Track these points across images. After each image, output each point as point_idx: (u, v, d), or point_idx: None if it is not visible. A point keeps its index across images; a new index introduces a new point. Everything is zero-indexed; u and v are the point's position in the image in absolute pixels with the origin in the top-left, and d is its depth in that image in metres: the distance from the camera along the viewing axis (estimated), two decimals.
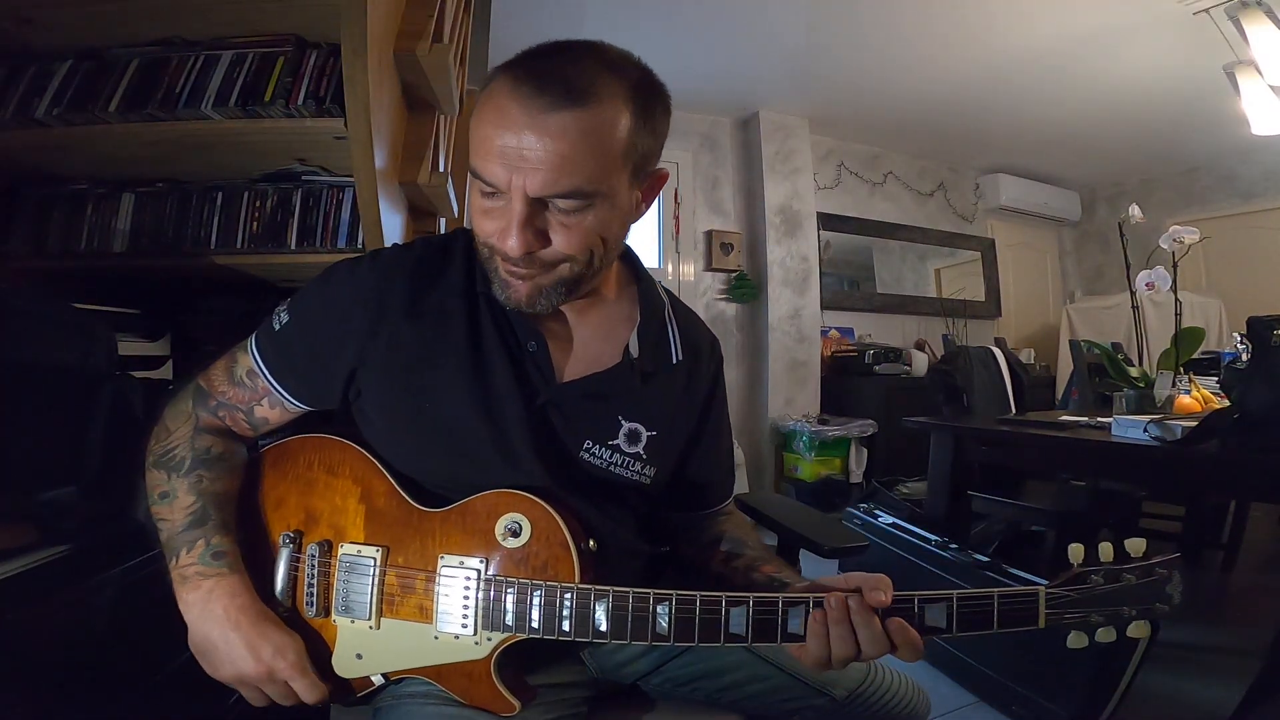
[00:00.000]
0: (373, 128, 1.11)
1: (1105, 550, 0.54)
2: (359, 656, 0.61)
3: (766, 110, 3.53)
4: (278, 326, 0.66)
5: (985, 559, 1.60)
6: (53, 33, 1.20)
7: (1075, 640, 0.54)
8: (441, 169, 1.55)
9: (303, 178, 1.37)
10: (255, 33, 1.23)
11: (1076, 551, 0.55)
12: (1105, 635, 0.53)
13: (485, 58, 2.86)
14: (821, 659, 0.54)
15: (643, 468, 0.67)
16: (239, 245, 1.33)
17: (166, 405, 0.68)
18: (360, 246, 1.31)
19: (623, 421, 0.67)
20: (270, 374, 0.65)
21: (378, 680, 0.61)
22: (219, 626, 0.58)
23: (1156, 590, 0.53)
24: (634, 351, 0.67)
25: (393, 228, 1.33)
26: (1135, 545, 0.54)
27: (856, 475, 3.20)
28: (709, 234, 3.56)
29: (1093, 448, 1.53)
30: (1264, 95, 2.51)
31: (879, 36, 2.76)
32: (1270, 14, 2.26)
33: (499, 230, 0.56)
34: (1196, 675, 1.58)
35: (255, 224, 1.34)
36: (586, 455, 0.65)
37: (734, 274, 3.58)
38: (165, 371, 1.51)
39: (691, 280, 3.53)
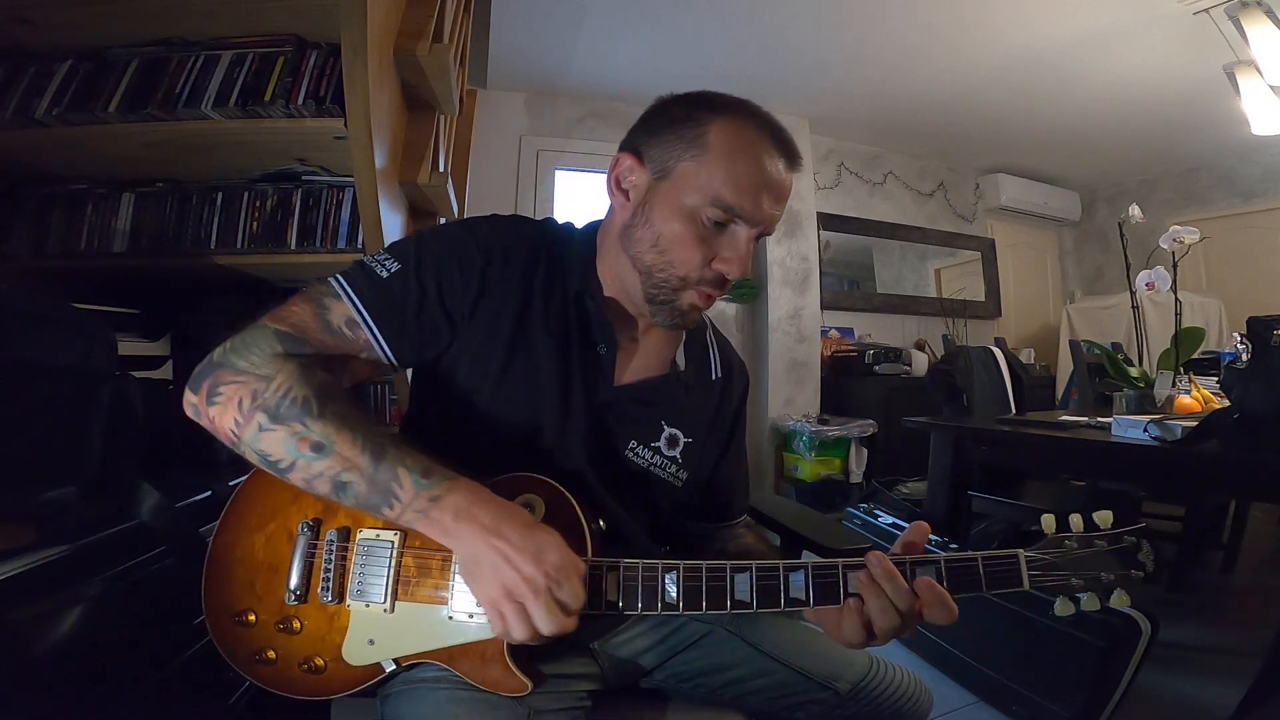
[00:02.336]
0: (373, 128, 1.11)
1: (1076, 521, 0.58)
2: (371, 642, 0.61)
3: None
4: (384, 274, 0.61)
5: None
6: (53, 33, 1.20)
7: (1062, 607, 0.57)
8: (441, 169, 1.55)
9: (303, 178, 1.37)
10: (255, 33, 1.23)
11: (1049, 521, 0.58)
12: (1090, 603, 0.56)
13: (485, 58, 2.86)
14: (860, 629, 0.56)
15: (678, 470, 0.73)
16: (239, 245, 1.33)
17: (230, 358, 0.57)
18: (360, 247, 1.31)
19: (665, 426, 0.72)
20: (374, 327, 0.60)
21: (389, 667, 0.62)
22: (482, 540, 0.52)
23: (1129, 557, 0.57)
24: (680, 364, 0.75)
25: (393, 228, 1.33)
26: (1103, 517, 0.58)
27: (856, 475, 3.19)
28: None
29: (1093, 448, 1.53)
30: (1264, 95, 2.51)
31: (879, 37, 2.76)
32: (1270, 14, 2.26)
33: (720, 258, 0.64)
34: (1196, 675, 1.57)
35: (255, 224, 1.34)
36: (630, 454, 0.70)
37: None
38: (165, 371, 1.51)
39: None
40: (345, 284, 0.62)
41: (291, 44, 1.22)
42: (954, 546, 1.67)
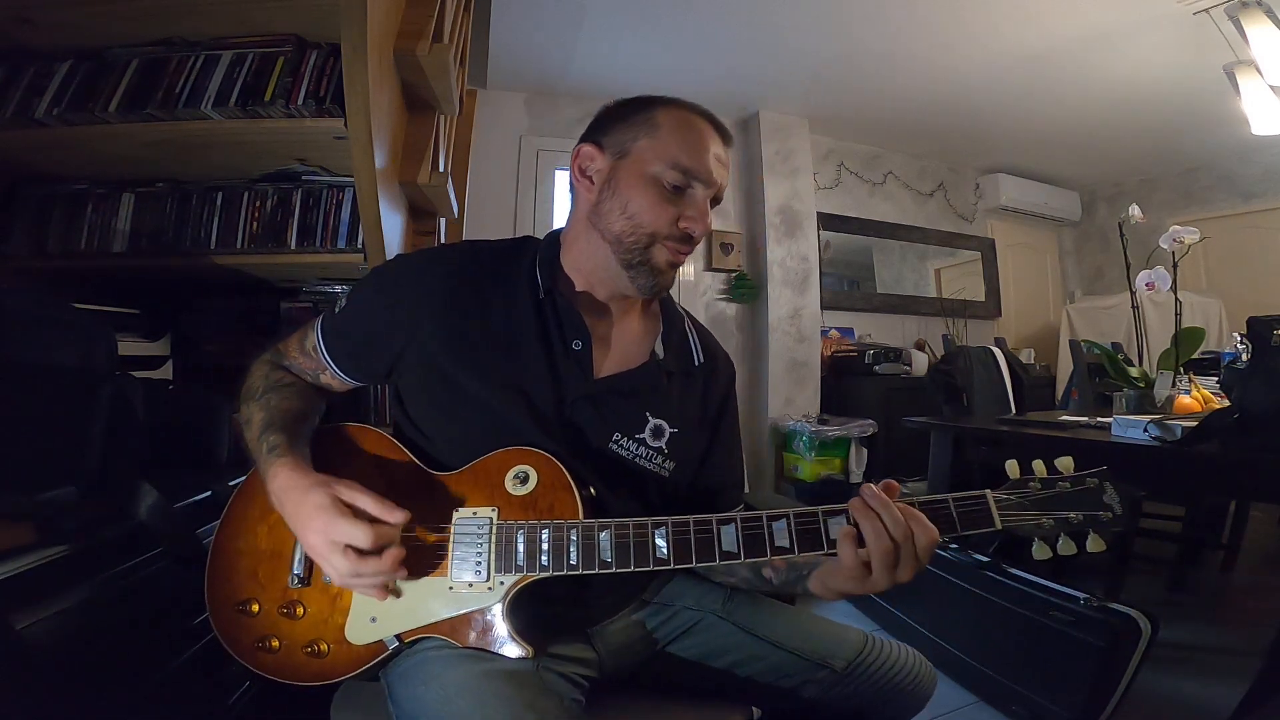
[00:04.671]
0: (373, 128, 1.11)
1: (1038, 466, 0.61)
2: (373, 619, 0.63)
3: (766, 110, 3.53)
4: (337, 311, 0.75)
5: (985, 559, 1.60)
6: (53, 33, 1.20)
7: (1039, 551, 0.59)
8: (441, 169, 1.55)
9: (303, 178, 1.37)
10: (255, 33, 1.23)
11: (1013, 467, 0.61)
12: (1066, 547, 0.58)
13: (485, 58, 2.86)
14: (857, 561, 0.57)
15: (664, 461, 0.74)
16: (239, 245, 1.33)
17: (252, 364, 0.79)
18: (360, 246, 1.31)
19: (649, 417, 0.74)
20: (327, 353, 0.75)
21: (391, 644, 0.63)
22: (280, 510, 0.63)
23: (1094, 498, 0.59)
24: (660, 353, 0.77)
25: (393, 228, 1.33)
26: (1064, 463, 0.61)
27: (856, 475, 3.19)
28: (709, 233, 3.55)
29: (1093, 448, 1.52)
30: (1264, 95, 2.51)
31: (879, 36, 2.76)
32: (1270, 14, 2.26)
33: (685, 216, 0.69)
34: (1196, 675, 1.57)
35: (255, 224, 1.34)
36: (615, 447, 0.72)
37: (734, 274, 3.58)
38: (165, 371, 1.51)
39: (691, 280, 3.53)
40: (321, 317, 0.76)
41: (291, 44, 1.22)
42: (954, 546, 1.67)
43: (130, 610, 0.81)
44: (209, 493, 0.99)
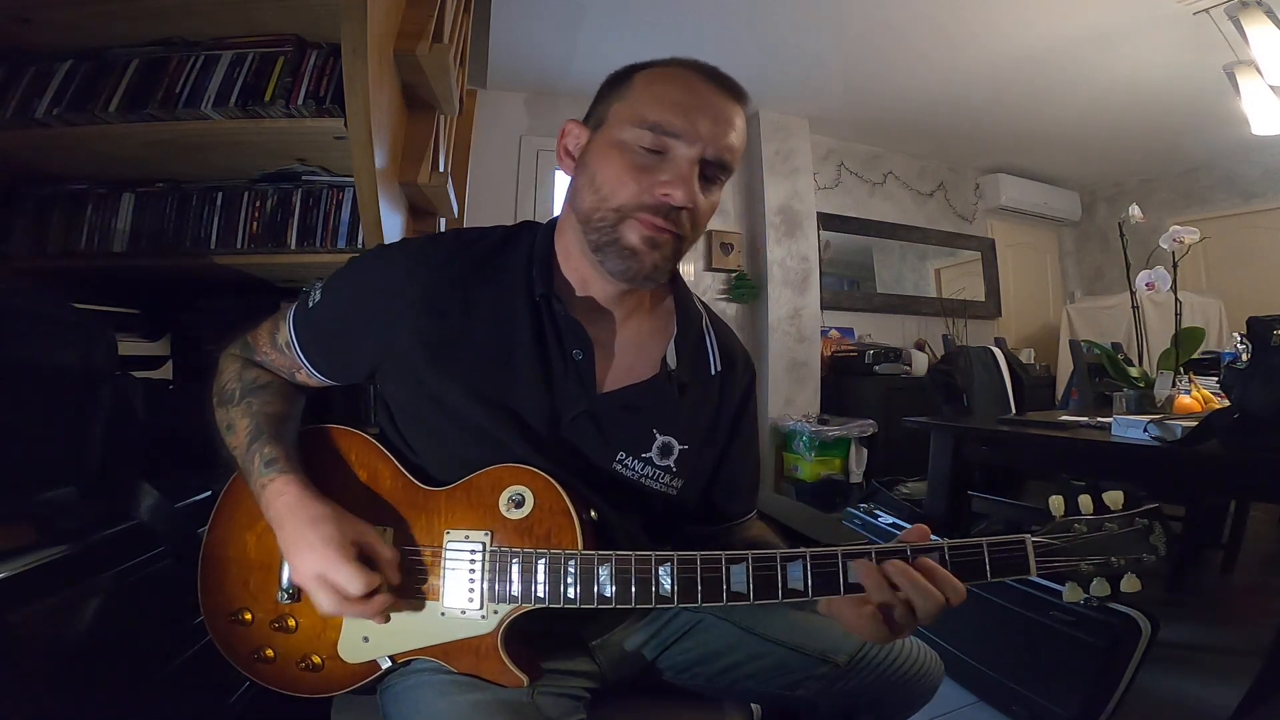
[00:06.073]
0: (373, 128, 1.10)
1: (1085, 503, 0.55)
2: (365, 639, 0.61)
3: (766, 110, 3.53)
4: (310, 305, 0.68)
5: None
6: (53, 33, 1.20)
7: (1071, 593, 0.54)
8: (441, 169, 1.54)
9: (303, 178, 1.37)
10: (255, 33, 1.22)
11: (1057, 503, 0.56)
12: (1100, 589, 0.54)
13: (485, 58, 2.86)
14: (879, 625, 0.54)
15: (671, 479, 0.68)
16: (239, 245, 1.33)
17: (220, 356, 0.73)
18: (360, 246, 1.31)
19: (657, 435, 0.67)
20: (300, 350, 0.69)
21: (385, 664, 0.61)
22: (278, 529, 0.59)
23: (1141, 540, 0.54)
24: (671, 363, 0.68)
25: (393, 228, 1.32)
26: (1113, 497, 0.55)
27: (856, 475, 3.19)
28: (708, 233, 3.56)
29: (1093, 448, 1.52)
30: (1264, 95, 2.51)
31: (879, 36, 2.76)
32: (1270, 14, 2.26)
33: (660, 183, 0.59)
34: (1196, 675, 1.57)
35: (255, 224, 1.34)
36: (619, 467, 0.66)
37: (734, 274, 3.58)
38: (165, 371, 1.51)
39: (691, 280, 3.53)
40: (292, 311, 0.69)
41: (291, 44, 1.22)
42: None
43: (130, 610, 0.81)
44: (209, 493, 0.99)
